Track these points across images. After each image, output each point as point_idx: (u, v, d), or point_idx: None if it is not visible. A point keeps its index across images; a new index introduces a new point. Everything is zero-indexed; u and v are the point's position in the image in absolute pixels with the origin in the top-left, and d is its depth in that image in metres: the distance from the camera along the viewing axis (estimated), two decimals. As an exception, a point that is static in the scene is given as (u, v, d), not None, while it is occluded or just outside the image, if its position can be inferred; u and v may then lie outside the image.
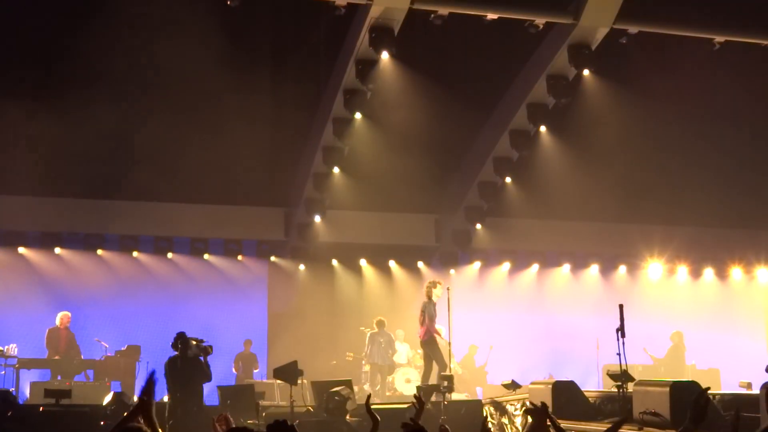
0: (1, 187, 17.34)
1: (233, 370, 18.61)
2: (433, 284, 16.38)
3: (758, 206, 19.67)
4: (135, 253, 19.39)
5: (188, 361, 13.12)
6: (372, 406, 14.61)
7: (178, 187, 18.15)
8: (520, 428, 13.01)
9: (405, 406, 14.87)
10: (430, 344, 16.24)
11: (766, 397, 8.60)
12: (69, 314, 17.42)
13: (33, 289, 18.63)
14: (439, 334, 16.73)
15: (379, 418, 6.04)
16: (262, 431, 11.87)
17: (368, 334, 17.97)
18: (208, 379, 13.30)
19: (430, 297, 16.39)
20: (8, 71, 15.26)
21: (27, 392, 16.06)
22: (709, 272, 21.92)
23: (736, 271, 21.86)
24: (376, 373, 17.90)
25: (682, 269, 21.55)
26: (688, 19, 15.87)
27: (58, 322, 17.34)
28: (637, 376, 12.49)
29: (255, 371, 18.64)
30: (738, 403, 9.92)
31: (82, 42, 14.97)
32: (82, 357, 17.33)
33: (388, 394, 18.15)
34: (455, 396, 15.56)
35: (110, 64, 15.16)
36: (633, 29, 15.72)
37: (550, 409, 11.98)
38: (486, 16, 15.19)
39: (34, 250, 18.92)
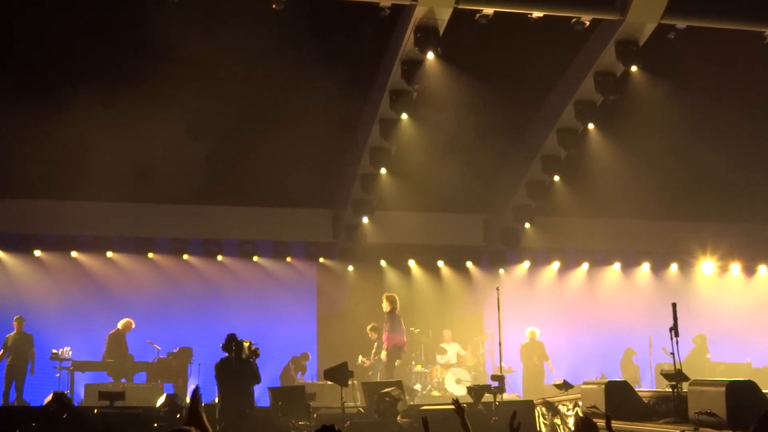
0: (55, 192, 17.57)
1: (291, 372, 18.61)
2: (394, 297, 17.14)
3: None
4: (185, 256, 19.62)
5: (241, 363, 13.22)
6: (422, 407, 14.67)
7: (226, 190, 18.32)
8: (572, 428, 12.91)
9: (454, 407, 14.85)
10: (393, 355, 16.66)
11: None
12: (132, 321, 17.67)
13: (85, 292, 18.89)
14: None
15: None
16: None
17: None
18: (258, 381, 13.40)
19: (395, 309, 16.88)
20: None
21: (82, 394, 16.26)
22: (763, 269, 21.61)
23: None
24: None
25: (736, 267, 21.24)
26: (738, 13, 15.68)
27: (120, 326, 17.56)
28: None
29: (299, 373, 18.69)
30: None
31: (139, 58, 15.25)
32: (134, 359, 17.58)
33: (437, 394, 18.13)
34: (507, 396, 15.52)
35: (169, 76, 15.28)
36: (681, 24, 15.56)
37: (603, 410, 11.91)
38: (531, 14, 15.11)
39: (87, 254, 19.20)
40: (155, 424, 13.16)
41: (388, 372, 16.77)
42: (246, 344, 13.63)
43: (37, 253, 18.88)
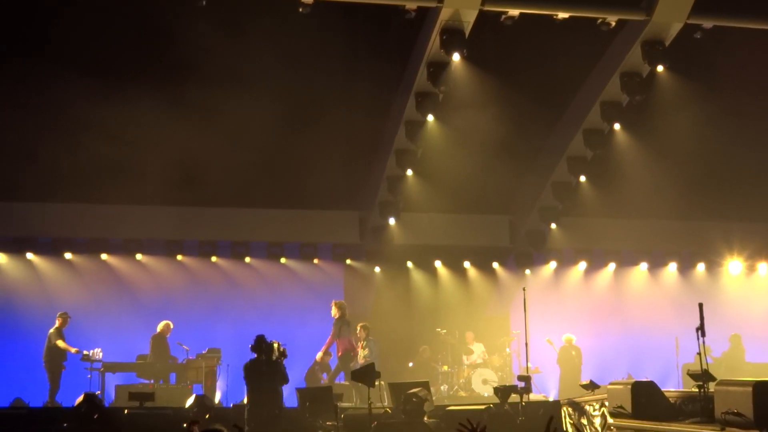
0: (85, 196, 17.74)
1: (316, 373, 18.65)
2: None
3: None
4: (214, 258, 19.72)
5: (271, 364, 13.30)
6: (448, 408, 14.69)
7: (254, 192, 18.41)
8: (599, 429, 12.89)
9: (482, 407, 14.86)
10: (345, 358, 17.03)
11: None
12: (170, 323, 17.86)
13: (115, 294, 19.04)
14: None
15: None
16: None
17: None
18: (286, 381, 13.47)
19: (344, 315, 17.23)
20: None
21: (113, 395, 16.39)
22: (791, 269, 21.48)
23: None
24: None
25: (763, 266, 21.11)
26: (765, 12, 15.60)
27: (159, 329, 17.71)
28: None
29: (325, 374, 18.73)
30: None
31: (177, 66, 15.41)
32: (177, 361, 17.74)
33: (464, 394, 18.14)
34: (533, 396, 15.50)
35: (202, 83, 15.42)
36: (707, 24, 15.49)
37: (629, 410, 11.88)
38: (557, 15, 15.09)
39: (117, 256, 19.34)
40: (184, 424, 13.27)
41: (346, 375, 17.27)
42: (275, 345, 13.72)
43: (68, 255, 19.04)
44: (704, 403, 10.99)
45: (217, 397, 17.39)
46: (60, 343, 16.89)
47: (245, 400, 14.19)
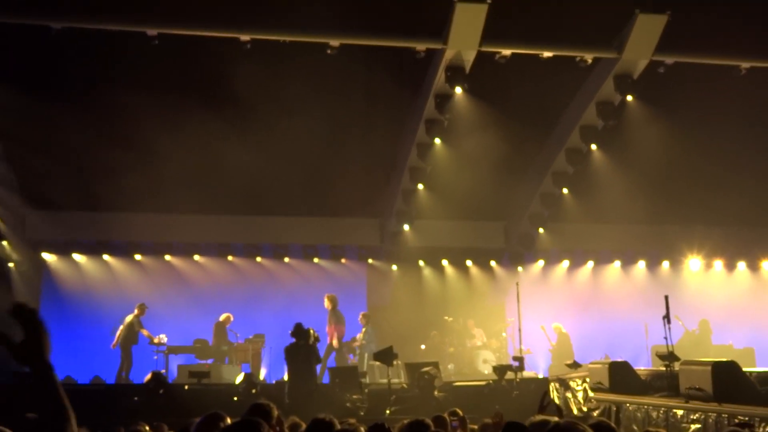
0: (152, 206, 17.78)
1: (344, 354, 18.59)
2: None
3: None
4: (258, 259, 19.75)
5: (307, 347, 13.29)
6: (454, 383, 14.63)
7: (291, 202, 18.41)
8: (582, 401, 12.80)
9: (483, 383, 14.79)
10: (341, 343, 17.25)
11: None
12: (231, 316, 17.96)
13: (177, 289, 19.07)
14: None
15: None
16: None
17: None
18: (320, 362, 13.53)
19: (335, 306, 17.47)
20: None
21: (175, 373, 16.43)
22: (742, 265, 21.27)
23: (766, 264, 21.27)
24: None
25: (718, 264, 20.97)
26: (717, 50, 15.53)
27: (221, 319, 17.74)
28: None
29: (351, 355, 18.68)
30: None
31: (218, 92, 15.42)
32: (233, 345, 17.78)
33: (467, 372, 18.06)
34: (526, 374, 15.42)
35: (249, 104, 15.44)
36: (669, 60, 15.47)
37: (607, 386, 11.79)
38: (542, 54, 15.10)
39: (178, 257, 19.42)
40: (234, 398, 13.27)
41: (342, 357, 17.38)
42: (310, 331, 13.72)
43: (138, 257, 19.12)
44: (670, 380, 10.93)
45: (262, 375, 17.37)
46: (143, 330, 17.10)
47: (285, 378, 14.20)
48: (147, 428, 6.78)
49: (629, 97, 16.12)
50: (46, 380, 2.63)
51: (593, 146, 17.41)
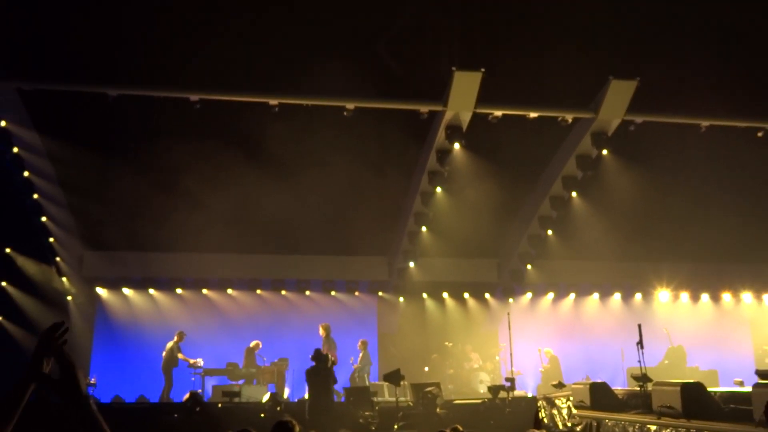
0: (190, 247, 17.85)
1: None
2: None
3: (742, 246, 19.04)
4: (283, 292, 19.71)
5: (326, 369, 13.23)
6: (454, 401, 14.46)
7: (313, 243, 18.47)
8: (566, 417, 12.67)
9: (479, 401, 14.67)
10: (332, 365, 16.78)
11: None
12: (260, 342, 17.86)
13: (212, 319, 19.05)
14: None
15: None
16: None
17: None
18: (336, 382, 13.40)
19: (329, 334, 17.21)
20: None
21: (210, 393, 16.33)
22: (705, 297, 21.17)
23: (726, 296, 21.15)
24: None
25: (684, 295, 20.85)
26: (680, 111, 15.67)
27: (252, 345, 17.69)
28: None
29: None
30: (734, 398, 9.50)
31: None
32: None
33: (465, 391, 17.88)
34: (517, 393, 15.27)
35: (277, 158, 15.56)
36: (639, 119, 15.55)
37: (588, 404, 11.65)
38: (529, 115, 15.22)
39: (213, 291, 19.41)
40: (261, 415, 13.19)
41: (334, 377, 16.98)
42: (328, 356, 13.67)
43: (179, 291, 19.14)
44: (644, 398, 10.82)
45: (286, 394, 17.26)
46: (180, 355, 17.02)
47: (306, 396, 14.10)
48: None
49: (605, 151, 16.16)
50: (85, 409, 2.64)
51: (574, 194, 17.45)
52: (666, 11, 16.95)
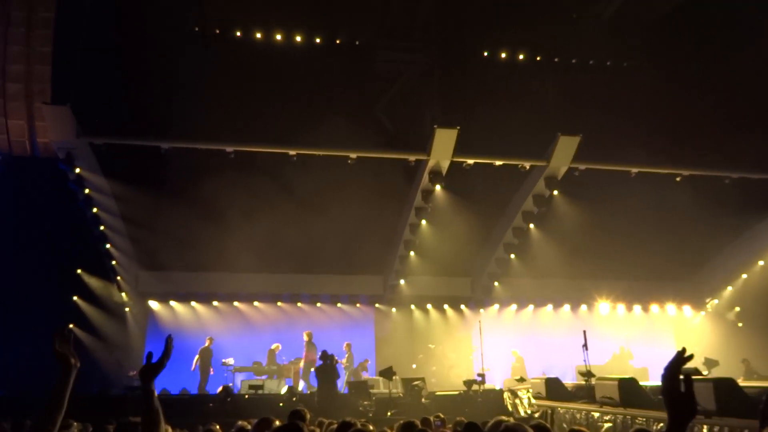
0: (225, 267, 17.73)
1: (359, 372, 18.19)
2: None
3: (666, 268, 19.12)
4: (299, 304, 19.53)
5: (333, 368, 13.07)
6: (436, 393, 14.24)
7: (322, 264, 18.38)
8: (527, 406, 12.52)
9: (456, 392, 14.49)
10: (309, 366, 16.32)
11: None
12: (279, 345, 17.65)
13: (242, 326, 18.84)
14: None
15: None
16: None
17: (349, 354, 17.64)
18: (338, 377, 13.23)
19: (311, 339, 16.81)
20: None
21: (239, 386, 16.13)
22: (637, 308, 21.05)
23: (654, 308, 21.02)
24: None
25: (621, 307, 20.76)
26: (614, 159, 15.78)
27: (273, 347, 17.50)
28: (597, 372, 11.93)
29: (364, 372, 18.33)
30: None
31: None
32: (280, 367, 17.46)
33: (445, 385, 17.67)
34: (487, 386, 15.11)
35: (295, 196, 15.52)
36: (582, 166, 15.67)
37: (544, 395, 11.49)
38: (495, 163, 15.33)
39: (243, 303, 19.22)
40: (280, 404, 13.01)
41: (306, 374, 16.63)
42: (333, 356, 13.52)
43: (215, 303, 18.97)
44: (589, 390, 10.73)
45: (300, 387, 17.05)
46: (203, 358, 16.72)
47: (316, 389, 13.91)
48: (218, 427, 6.63)
49: (555, 192, 16.28)
50: (147, 396, 2.80)
51: (531, 225, 17.49)
52: (603, 82, 17.17)
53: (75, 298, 16.90)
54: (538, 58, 18.46)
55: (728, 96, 16.46)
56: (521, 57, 18.20)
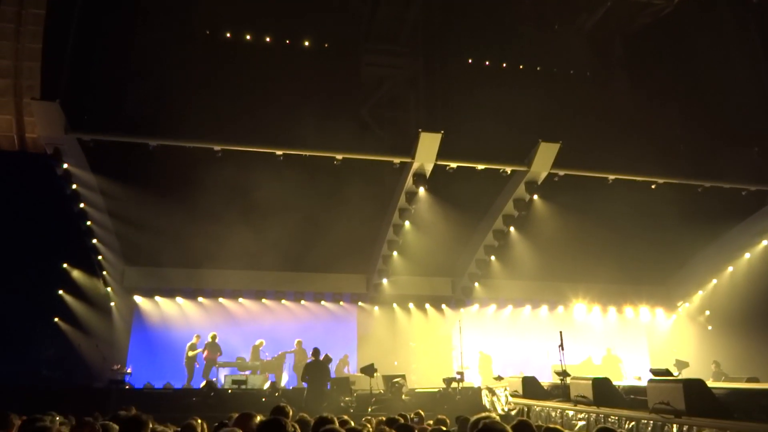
0: (210, 264, 17.63)
1: (341, 368, 18.20)
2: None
3: (640, 272, 19.35)
4: (283, 301, 19.43)
5: (323, 364, 13.04)
6: (416, 390, 14.23)
7: (308, 263, 18.33)
8: (503, 403, 12.59)
9: (436, 389, 14.53)
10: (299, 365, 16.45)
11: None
12: (263, 341, 17.56)
13: (227, 322, 18.70)
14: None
15: None
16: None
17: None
18: (330, 376, 13.21)
19: (300, 344, 17.02)
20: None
21: (222, 381, 16.03)
22: (612, 310, 21.24)
23: (628, 310, 21.22)
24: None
25: (596, 308, 20.94)
26: (591, 166, 15.91)
27: (257, 344, 17.39)
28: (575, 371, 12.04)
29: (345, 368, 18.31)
30: (633, 390, 9.50)
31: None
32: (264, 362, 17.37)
33: (425, 382, 17.72)
34: (465, 383, 15.16)
35: (281, 197, 15.46)
36: (561, 172, 15.76)
37: (521, 393, 11.59)
38: (477, 166, 15.36)
39: (228, 300, 19.08)
40: (263, 399, 12.95)
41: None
42: (320, 352, 13.47)
43: (200, 299, 18.83)
44: (564, 389, 10.81)
45: (283, 382, 16.99)
46: (191, 353, 16.69)
47: (305, 385, 13.82)
48: (199, 421, 6.56)
49: (535, 197, 16.36)
50: None
51: (512, 228, 17.58)
52: (583, 91, 17.33)
53: (60, 291, 16.69)
54: (521, 67, 18.62)
55: (703, 107, 16.73)
56: (504, 65, 18.33)
